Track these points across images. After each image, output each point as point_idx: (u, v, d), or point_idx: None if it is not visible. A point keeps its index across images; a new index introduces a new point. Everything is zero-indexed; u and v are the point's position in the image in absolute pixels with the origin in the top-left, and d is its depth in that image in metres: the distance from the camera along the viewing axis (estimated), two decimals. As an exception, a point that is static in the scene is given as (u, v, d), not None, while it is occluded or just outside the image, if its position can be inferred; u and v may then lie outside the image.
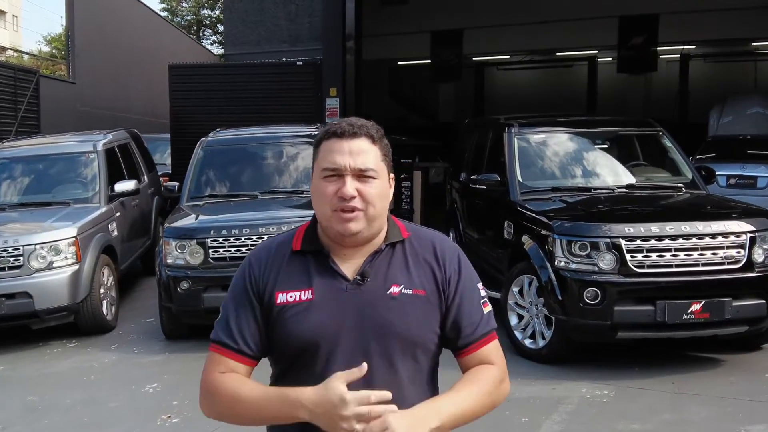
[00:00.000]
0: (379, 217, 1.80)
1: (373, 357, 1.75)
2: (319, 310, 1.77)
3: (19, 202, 8.07)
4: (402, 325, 1.78)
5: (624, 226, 5.50)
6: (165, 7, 42.80)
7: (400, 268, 1.83)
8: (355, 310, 1.77)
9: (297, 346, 1.78)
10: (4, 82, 12.67)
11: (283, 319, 1.79)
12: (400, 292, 1.80)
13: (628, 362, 5.78)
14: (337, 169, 1.76)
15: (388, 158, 1.84)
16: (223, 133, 8.73)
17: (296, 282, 1.80)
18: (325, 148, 1.80)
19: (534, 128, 7.36)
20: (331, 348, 1.76)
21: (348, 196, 1.73)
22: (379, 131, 1.83)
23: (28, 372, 6.35)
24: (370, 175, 1.77)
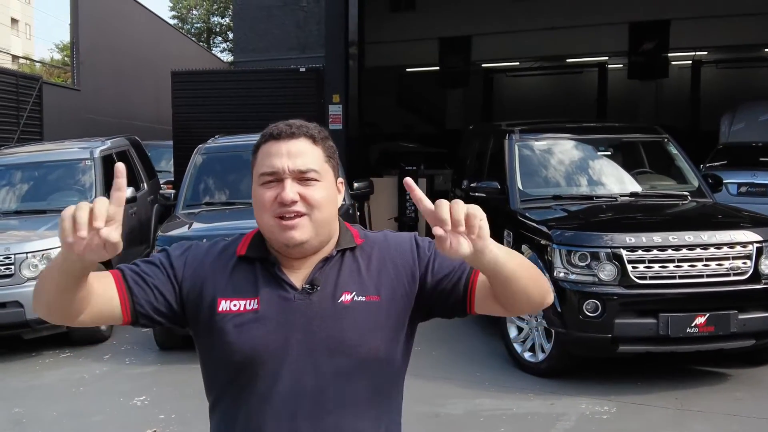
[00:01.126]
0: (327, 224, 1.64)
1: (325, 374, 1.59)
2: (264, 322, 1.60)
3: (15, 210, 7.99)
4: (355, 337, 1.61)
5: (625, 235, 5.32)
6: (175, 15, 43.01)
7: (352, 275, 1.66)
8: (303, 321, 1.60)
9: (238, 361, 1.61)
10: (5, 89, 12.64)
11: (224, 329, 1.61)
12: (352, 300, 1.63)
13: (629, 377, 5.59)
14: (275, 173, 1.60)
15: (334, 161, 1.68)
16: (222, 140, 8.62)
17: (241, 290, 1.64)
18: (262, 152, 1.64)
19: (535, 135, 7.19)
20: (276, 364, 1.59)
21: (288, 200, 1.57)
22: (321, 132, 1.68)
23: (17, 383, 6.24)
24: (312, 177, 1.60)
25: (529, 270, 1.57)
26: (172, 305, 1.65)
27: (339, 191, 1.70)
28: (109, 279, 1.61)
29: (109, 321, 1.64)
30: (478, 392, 5.43)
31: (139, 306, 1.62)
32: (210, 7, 43.09)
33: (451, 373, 5.86)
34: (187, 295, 1.66)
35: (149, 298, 1.63)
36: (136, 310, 1.62)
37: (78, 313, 1.55)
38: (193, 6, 43.81)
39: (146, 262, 1.69)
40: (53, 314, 1.55)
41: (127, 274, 1.63)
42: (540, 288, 1.59)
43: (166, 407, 5.38)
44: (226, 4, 38.93)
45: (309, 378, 1.58)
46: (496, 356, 6.18)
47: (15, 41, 49.07)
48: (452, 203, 1.39)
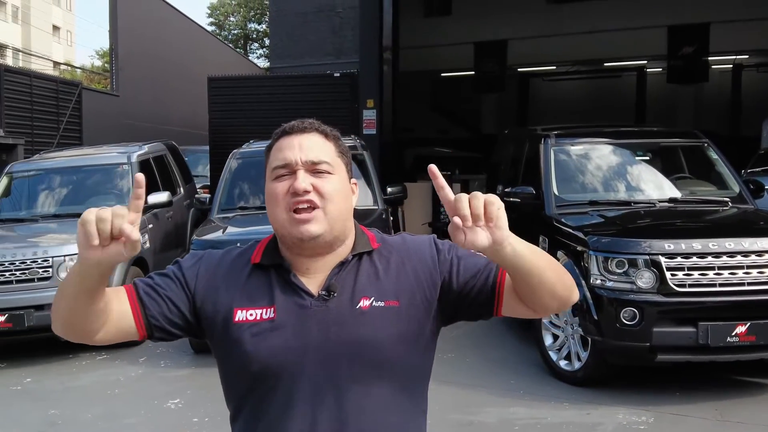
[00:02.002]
0: (341, 219, 1.60)
1: (344, 380, 1.55)
2: (281, 330, 1.57)
3: (53, 213, 8.12)
4: (374, 343, 1.57)
5: (664, 242, 5.20)
6: (213, 22, 43.50)
7: (369, 279, 1.62)
8: (320, 329, 1.57)
9: (256, 371, 1.58)
10: (46, 94, 12.87)
11: (241, 339, 1.58)
12: (370, 306, 1.58)
13: (667, 387, 5.47)
14: (287, 165, 1.58)
15: (347, 158, 1.66)
16: (256, 144, 8.66)
17: (257, 299, 1.61)
18: (274, 149, 1.63)
19: (572, 139, 7.08)
20: (295, 373, 1.56)
21: (300, 189, 1.54)
22: (333, 131, 1.67)
23: (54, 385, 6.32)
24: (325, 169, 1.58)
25: (550, 264, 1.53)
26: (187, 316, 1.63)
27: (353, 192, 1.67)
28: (123, 294, 1.60)
29: (126, 337, 1.62)
30: (513, 400, 5.36)
31: (152, 318, 1.60)
32: (247, 14, 43.53)
33: (484, 381, 5.79)
34: (201, 306, 1.63)
35: (162, 310, 1.61)
36: (150, 322, 1.60)
37: (96, 329, 1.53)
38: (230, 13, 44.29)
39: (159, 274, 1.67)
40: (71, 330, 1.53)
41: (140, 287, 1.62)
42: (563, 283, 1.56)
43: (200, 410, 5.40)
44: (262, 11, 39.29)
45: (329, 386, 1.55)
46: (531, 364, 6.10)
47: (56, 48, 50.09)
48: (471, 196, 1.38)
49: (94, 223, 1.34)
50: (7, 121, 11.50)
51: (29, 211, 8.22)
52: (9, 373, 6.74)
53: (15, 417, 5.59)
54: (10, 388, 6.29)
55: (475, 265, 1.63)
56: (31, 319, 6.68)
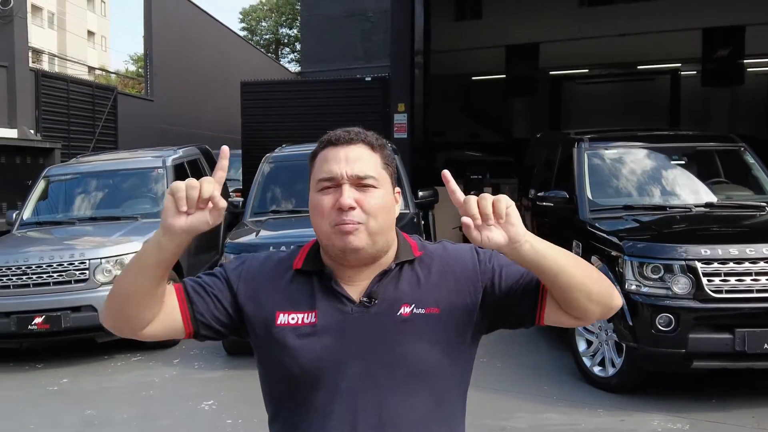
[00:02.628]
0: (384, 233, 1.60)
1: (384, 386, 1.56)
2: (323, 335, 1.58)
3: (90, 216, 8.24)
4: (415, 350, 1.57)
5: (700, 247, 5.13)
6: (245, 27, 43.88)
7: (411, 287, 1.62)
8: (361, 335, 1.58)
9: (296, 374, 1.59)
10: (82, 99, 13.08)
11: (282, 343, 1.60)
12: (411, 313, 1.59)
13: (703, 394, 5.40)
14: (332, 178, 1.57)
15: (391, 169, 1.65)
16: (289, 148, 8.73)
17: (299, 303, 1.62)
18: (320, 158, 1.62)
19: (605, 143, 7.02)
20: (335, 378, 1.57)
21: (346, 205, 1.54)
22: (379, 139, 1.66)
23: (90, 385, 6.42)
24: (370, 183, 1.58)
25: (579, 264, 1.52)
26: (232, 315, 1.65)
27: (396, 201, 1.67)
28: (171, 291, 1.62)
29: (173, 334, 1.64)
30: (545, 406, 5.32)
31: (199, 315, 1.62)
32: (279, 19, 43.86)
33: (516, 386, 5.76)
34: (244, 306, 1.65)
35: (209, 308, 1.63)
36: (197, 319, 1.62)
37: (147, 319, 1.56)
38: (262, 18, 44.65)
39: (207, 274, 1.70)
40: (124, 318, 1.55)
41: (188, 285, 1.65)
42: (600, 285, 1.54)
43: (233, 412, 5.44)
44: (294, 16, 39.55)
45: (368, 391, 1.56)
46: (564, 370, 6.06)
47: (91, 53, 50.86)
48: (480, 197, 1.42)
49: (184, 189, 1.40)
50: (44, 125, 11.71)
51: (66, 214, 8.35)
52: (46, 373, 6.85)
53: (52, 417, 5.68)
54: (48, 388, 6.39)
55: (518, 271, 1.63)
56: (68, 321, 6.79)
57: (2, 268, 6.88)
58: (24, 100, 10.93)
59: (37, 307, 6.80)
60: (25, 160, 9.89)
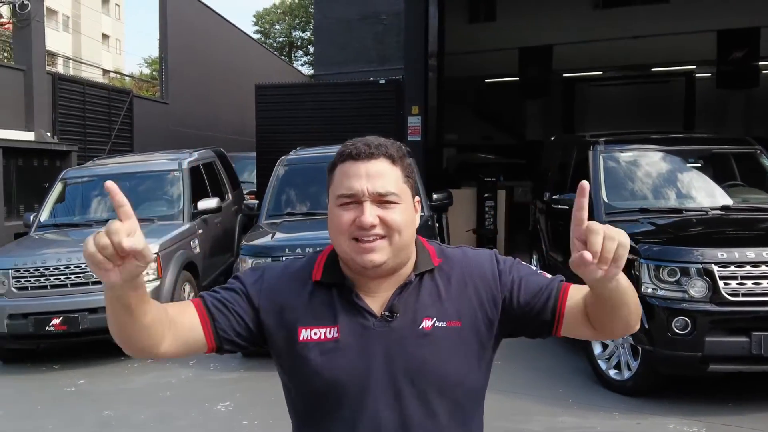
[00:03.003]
0: (406, 247, 1.60)
1: (407, 400, 1.57)
2: (345, 350, 1.58)
3: (107, 219, 8.28)
4: (437, 364, 1.58)
5: (717, 250, 5.12)
6: (258, 30, 44.05)
7: (431, 298, 1.62)
8: (383, 349, 1.58)
9: (320, 389, 1.60)
10: (98, 102, 13.18)
11: (306, 358, 1.60)
12: (432, 326, 1.59)
13: (720, 397, 5.39)
14: (353, 195, 1.55)
15: (412, 180, 1.64)
16: (303, 151, 8.77)
17: (321, 318, 1.61)
18: (339, 172, 1.59)
19: (621, 146, 7.01)
20: (358, 392, 1.57)
21: (367, 224, 1.53)
22: (399, 150, 1.62)
23: (107, 386, 6.47)
24: (392, 200, 1.56)
25: (634, 296, 1.53)
26: (253, 330, 1.64)
27: (416, 210, 1.65)
28: (191, 308, 1.62)
29: (194, 350, 1.63)
30: (561, 409, 5.32)
31: (221, 331, 1.62)
32: (292, 22, 44.00)
33: (532, 389, 5.76)
34: (265, 321, 1.64)
35: (231, 323, 1.62)
36: (219, 335, 1.62)
37: (156, 343, 1.53)
38: (275, 21, 44.81)
39: (225, 288, 1.68)
40: (131, 347, 1.53)
41: (208, 301, 1.64)
42: (637, 313, 1.57)
43: (249, 413, 5.48)
44: (307, 19, 39.67)
45: (391, 404, 1.56)
46: (580, 373, 6.06)
47: (105, 56, 51.17)
48: (606, 235, 1.35)
49: (97, 252, 1.30)
50: (60, 128, 11.81)
51: (83, 216, 8.42)
52: (63, 374, 6.91)
53: (70, 417, 5.74)
54: (65, 389, 6.45)
55: (537, 284, 1.63)
56: (85, 322, 6.84)
57: (20, 270, 6.95)
58: (41, 103, 11.02)
59: (55, 308, 6.86)
60: (42, 162, 9.97)
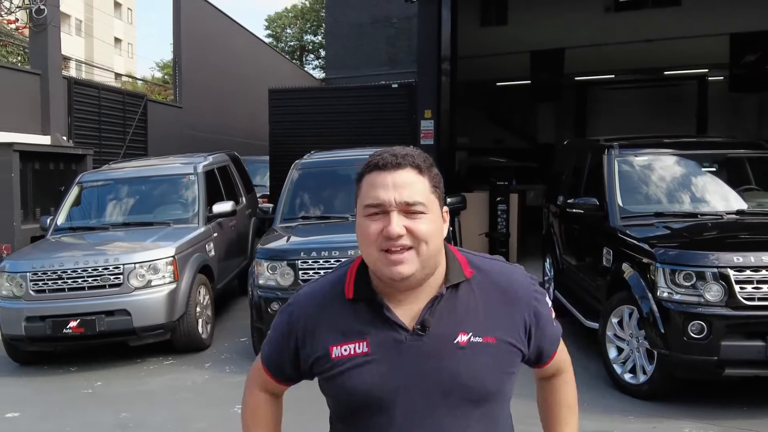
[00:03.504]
0: (434, 257, 1.60)
1: (440, 412, 1.58)
2: (376, 365, 1.59)
3: (123, 222, 8.36)
4: (473, 378, 1.58)
5: (733, 255, 5.13)
6: (270, 34, 44.21)
7: (467, 312, 1.62)
8: (416, 363, 1.58)
9: (353, 404, 1.63)
10: (113, 106, 13.27)
11: (338, 374, 1.62)
12: (468, 341, 1.59)
13: (735, 401, 5.39)
14: (380, 205, 1.56)
15: (440, 190, 1.63)
16: (317, 155, 8.80)
17: (350, 333, 1.63)
18: (366, 182, 1.60)
19: (635, 150, 7.02)
20: (390, 405, 1.59)
21: (394, 234, 1.53)
22: (426, 160, 1.63)
23: (123, 388, 6.51)
24: (419, 210, 1.56)
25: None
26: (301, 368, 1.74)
27: (444, 220, 1.65)
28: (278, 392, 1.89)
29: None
30: (576, 412, 5.33)
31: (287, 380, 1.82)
32: (303, 26, 44.14)
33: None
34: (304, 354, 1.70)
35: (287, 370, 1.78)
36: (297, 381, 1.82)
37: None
38: (287, 25, 44.97)
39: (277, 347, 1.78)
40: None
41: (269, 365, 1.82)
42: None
43: (266, 416, 5.50)
44: (318, 23, 39.79)
45: (425, 417, 1.58)
46: (595, 377, 6.06)
47: (117, 60, 51.47)
48: None
49: None
50: (76, 132, 11.91)
51: (99, 219, 8.47)
52: (80, 376, 6.96)
53: (88, 419, 5.78)
54: (82, 391, 6.50)
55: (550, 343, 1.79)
56: (102, 325, 6.89)
57: (38, 273, 7.01)
58: (57, 107, 11.13)
59: (72, 311, 6.91)
60: (58, 166, 10.05)
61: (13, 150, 8.94)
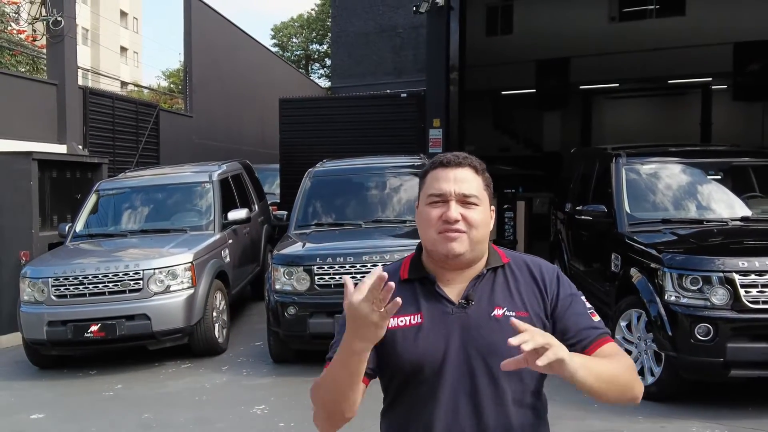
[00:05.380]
0: (481, 242, 1.88)
1: (479, 376, 1.81)
2: (427, 333, 1.84)
3: (140, 229, 8.54)
4: (505, 347, 1.75)
5: (738, 259, 5.30)
6: (276, 43, 44.49)
7: (503, 291, 1.89)
8: (460, 331, 1.83)
9: (408, 367, 1.84)
10: (126, 115, 13.47)
11: (394, 342, 1.84)
12: (503, 315, 1.84)
13: (742, 402, 5.54)
14: (442, 195, 1.85)
15: (490, 189, 1.93)
16: (330, 163, 8.97)
17: (406, 307, 1.83)
18: (431, 176, 1.90)
19: (642, 158, 7.20)
20: (438, 368, 1.82)
21: (453, 219, 1.82)
22: (482, 164, 1.93)
23: (144, 391, 6.68)
24: (473, 202, 1.85)
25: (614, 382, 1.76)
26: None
27: (491, 216, 1.93)
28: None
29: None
30: (586, 413, 5.48)
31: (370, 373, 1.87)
32: (309, 36, 44.41)
33: (557, 394, 5.82)
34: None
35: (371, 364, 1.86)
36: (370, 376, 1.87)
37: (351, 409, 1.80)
38: (293, 34, 45.25)
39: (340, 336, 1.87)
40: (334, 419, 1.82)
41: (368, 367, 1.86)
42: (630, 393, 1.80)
43: (285, 416, 5.67)
44: (324, 32, 40.03)
45: (467, 380, 1.81)
46: (603, 378, 6.19)
47: (124, 69, 51.76)
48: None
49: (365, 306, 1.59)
50: (91, 141, 12.10)
51: (117, 226, 8.65)
52: (100, 380, 7.13)
53: (111, 421, 5.95)
54: (103, 394, 6.67)
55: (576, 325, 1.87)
56: (122, 329, 7.06)
57: (60, 278, 7.19)
58: (73, 116, 11.32)
59: (93, 315, 7.08)
60: (75, 174, 10.24)
61: (32, 159, 9.12)
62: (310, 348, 6.82)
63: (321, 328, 6.49)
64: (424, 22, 12.98)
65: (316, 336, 6.53)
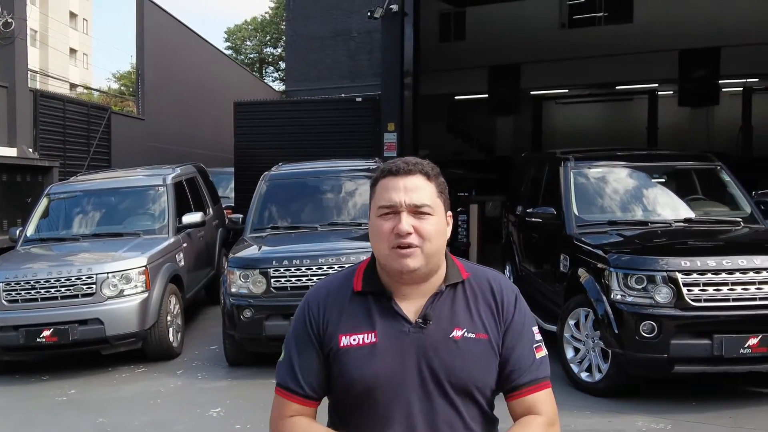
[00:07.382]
0: (437, 254, 1.80)
1: (436, 399, 1.78)
2: (382, 353, 1.78)
3: (93, 233, 8.44)
4: (463, 370, 1.79)
5: (681, 259, 5.50)
6: (230, 46, 44.20)
7: (463, 310, 1.83)
8: (417, 353, 1.78)
9: (360, 388, 1.79)
10: (77, 118, 13.31)
11: (347, 362, 1.79)
12: (462, 336, 1.80)
13: (684, 396, 5.74)
14: (392, 206, 1.77)
15: (445, 195, 1.85)
16: (285, 167, 9.00)
17: (359, 324, 1.81)
18: (380, 186, 1.82)
19: (590, 162, 7.39)
20: (393, 390, 1.77)
21: (404, 232, 1.74)
22: (434, 169, 1.85)
23: (98, 395, 6.62)
24: (426, 211, 1.77)
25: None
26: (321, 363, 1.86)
27: (448, 224, 1.86)
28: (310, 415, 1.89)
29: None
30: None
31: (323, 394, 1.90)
32: (263, 39, 44.23)
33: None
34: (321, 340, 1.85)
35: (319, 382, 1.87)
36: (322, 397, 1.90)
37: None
38: (246, 37, 45.01)
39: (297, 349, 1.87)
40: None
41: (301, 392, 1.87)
42: None
43: (241, 418, 5.70)
44: (278, 35, 39.93)
45: (423, 403, 1.78)
46: (553, 376, 6.27)
47: (73, 70, 50.82)
48: None
49: None
50: (41, 144, 11.93)
51: (69, 230, 8.52)
52: (53, 385, 7.02)
53: (66, 425, 5.89)
54: (56, 398, 6.57)
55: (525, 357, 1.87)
56: (76, 334, 6.96)
57: (11, 283, 7.06)
58: (23, 119, 11.15)
59: (45, 320, 6.96)
60: (25, 178, 10.10)
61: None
62: (266, 350, 6.83)
63: (277, 330, 6.52)
64: (378, 27, 13.11)
65: (273, 338, 6.56)
